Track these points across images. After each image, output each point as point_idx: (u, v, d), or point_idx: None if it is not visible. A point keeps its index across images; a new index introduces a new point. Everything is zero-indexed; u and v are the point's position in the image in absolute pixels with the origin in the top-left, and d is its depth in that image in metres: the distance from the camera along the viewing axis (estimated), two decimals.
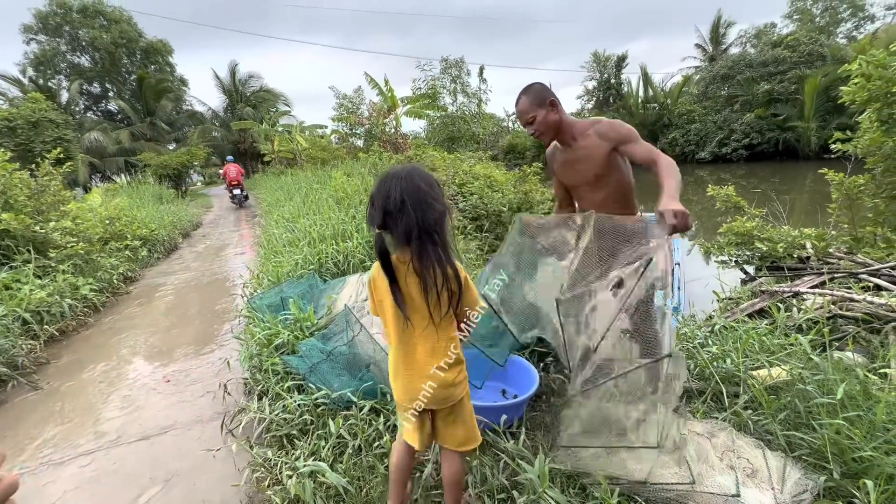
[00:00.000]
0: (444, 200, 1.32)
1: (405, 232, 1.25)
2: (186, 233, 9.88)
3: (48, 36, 27.26)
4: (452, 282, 1.32)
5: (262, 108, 28.27)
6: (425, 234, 1.26)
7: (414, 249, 1.28)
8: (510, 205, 6.65)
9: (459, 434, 1.47)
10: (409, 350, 1.39)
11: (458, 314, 1.41)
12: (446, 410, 1.44)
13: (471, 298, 1.39)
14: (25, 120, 12.40)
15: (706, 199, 6.79)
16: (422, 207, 1.25)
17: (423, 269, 1.28)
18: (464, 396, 1.46)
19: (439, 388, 1.38)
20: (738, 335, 2.73)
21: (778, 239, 4.89)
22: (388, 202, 1.26)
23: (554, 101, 2.00)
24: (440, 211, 1.28)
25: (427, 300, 1.32)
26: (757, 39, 25.89)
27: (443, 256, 1.29)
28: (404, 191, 1.25)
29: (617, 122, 2.03)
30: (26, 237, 5.08)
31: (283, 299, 3.37)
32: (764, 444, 1.88)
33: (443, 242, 1.29)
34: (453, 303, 1.35)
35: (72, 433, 2.69)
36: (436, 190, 1.30)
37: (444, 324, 1.37)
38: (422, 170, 1.34)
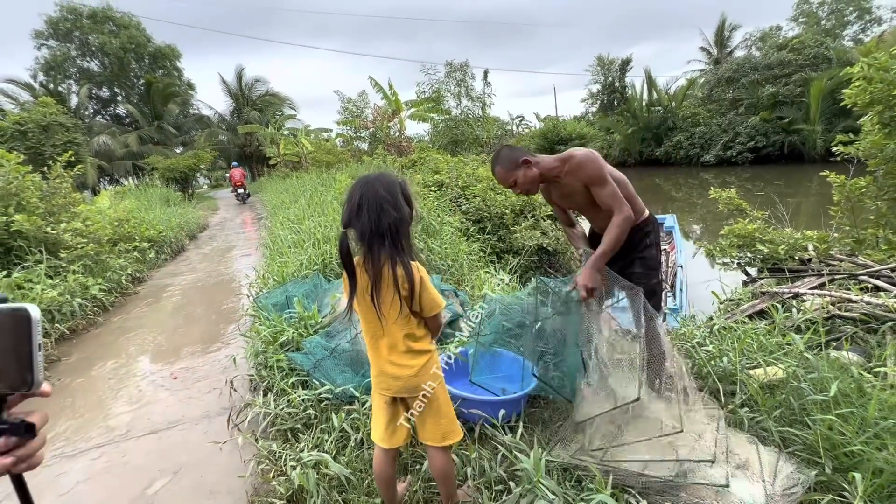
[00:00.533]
0: (404, 206, 1.39)
1: (360, 232, 1.37)
2: (193, 235, 10.00)
3: (59, 41, 27.67)
4: (402, 281, 1.37)
5: (267, 112, 28.54)
6: (377, 236, 1.35)
7: (366, 249, 1.38)
8: (513, 207, 6.69)
9: (436, 426, 1.51)
10: (373, 342, 1.49)
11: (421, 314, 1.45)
12: (420, 402, 1.50)
13: (427, 299, 1.43)
14: (36, 124, 12.60)
15: (710, 201, 6.80)
16: (377, 211, 1.34)
17: (373, 268, 1.37)
18: (436, 389, 1.50)
19: (402, 378, 1.45)
20: (736, 335, 2.76)
21: (780, 241, 4.90)
22: (351, 204, 1.38)
23: (527, 160, 2.01)
24: (395, 216, 1.35)
25: (374, 298, 1.39)
26: (762, 42, 25.84)
27: (395, 258, 1.36)
28: (363, 195, 1.36)
29: (584, 160, 1.98)
30: (38, 238, 5.19)
31: (289, 298, 3.44)
32: (759, 440, 1.92)
33: (397, 245, 1.37)
34: (407, 303, 1.41)
35: (83, 427, 2.77)
36: (395, 196, 1.37)
37: (401, 321, 1.43)
38: (388, 176, 1.42)
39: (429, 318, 1.47)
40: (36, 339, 0.51)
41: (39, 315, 0.52)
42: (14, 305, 0.50)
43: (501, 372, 2.54)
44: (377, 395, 1.54)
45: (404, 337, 1.45)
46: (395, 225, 1.35)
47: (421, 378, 1.46)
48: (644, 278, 2.19)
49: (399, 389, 1.48)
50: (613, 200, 1.97)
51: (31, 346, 0.50)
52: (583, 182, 2.02)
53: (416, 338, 1.47)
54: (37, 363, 0.50)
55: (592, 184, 2.00)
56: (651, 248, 2.20)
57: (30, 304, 0.51)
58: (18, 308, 0.50)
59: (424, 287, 1.41)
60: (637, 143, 24.67)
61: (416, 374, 1.46)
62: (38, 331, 0.51)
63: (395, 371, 1.46)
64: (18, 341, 0.50)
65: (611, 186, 1.98)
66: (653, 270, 2.21)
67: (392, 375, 1.46)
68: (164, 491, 2.14)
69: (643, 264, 2.18)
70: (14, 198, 5.42)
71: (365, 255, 1.38)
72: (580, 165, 1.99)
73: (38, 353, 0.50)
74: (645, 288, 2.22)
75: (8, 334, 0.50)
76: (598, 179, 1.98)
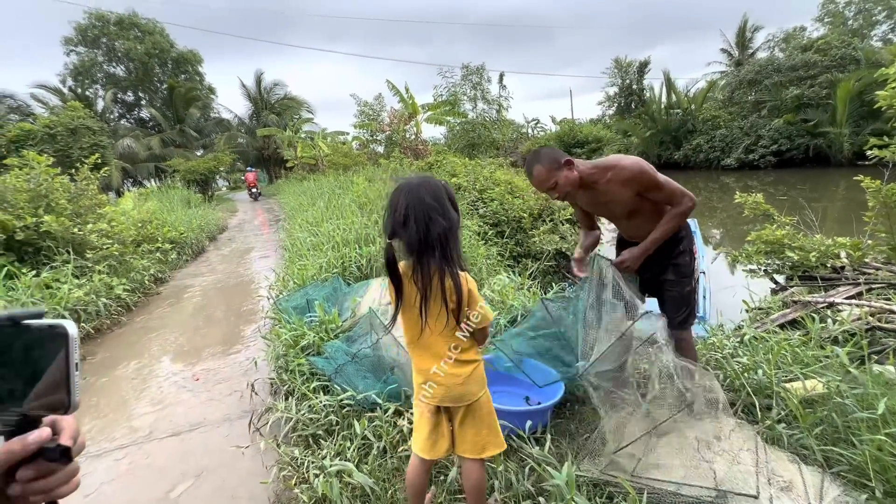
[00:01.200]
0: (452, 213, 1.34)
1: (408, 244, 1.31)
2: (213, 236, 10.16)
3: (87, 47, 28.57)
4: (451, 294, 1.33)
5: (286, 116, 28.94)
6: (428, 247, 1.30)
7: (415, 260, 1.33)
8: (531, 211, 6.62)
9: (476, 437, 1.46)
10: (418, 351, 1.45)
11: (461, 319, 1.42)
12: (462, 410, 1.45)
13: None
14: (65, 127, 13.00)
15: (732, 206, 6.63)
16: (425, 221, 1.29)
17: (422, 281, 1.32)
18: (482, 398, 1.46)
19: (448, 385, 1.41)
20: (769, 346, 2.65)
21: (810, 248, 4.73)
22: (395, 214, 1.32)
23: (570, 161, 1.96)
24: (444, 225, 1.30)
25: (422, 311, 1.35)
26: (785, 43, 25.23)
27: (444, 269, 1.32)
28: (409, 204, 1.30)
29: (638, 171, 1.95)
30: (66, 238, 5.32)
31: (309, 301, 3.44)
32: (799, 458, 1.83)
33: (447, 255, 1.32)
34: (455, 315, 1.37)
35: (107, 427, 2.80)
36: (443, 203, 1.32)
37: (447, 333, 1.39)
38: (432, 182, 1.36)
39: (477, 331, 1.43)
40: (73, 359, 0.47)
41: (77, 332, 0.48)
42: (51, 322, 0.47)
43: (525, 381, 2.49)
44: (419, 404, 1.50)
45: (452, 348, 1.41)
46: (444, 234, 1.30)
47: (467, 387, 1.42)
48: (677, 286, 2.12)
49: (443, 398, 1.43)
50: (674, 195, 1.98)
51: (68, 366, 0.47)
52: (636, 191, 1.98)
53: (464, 349, 1.43)
54: (74, 384, 0.47)
55: (650, 190, 1.97)
56: (685, 255, 2.13)
57: (67, 321, 0.48)
58: (55, 325, 0.47)
59: (473, 299, 1.38)
60: (655, 146, 24.27)
61: (463, 383, 1.41)
62: (76, 349, 0.48)
63: (440, 379, 1.42)
64: (56, 361, 0.47)
65: (670, 184, 1.99)
66: (686, 278, 2.14)
67: (437, 383, 1.42)
68: (187, 495, 2.14)
69: (676, 271, 2.12)
70: (44, 199, 5.57)
71: (414, 267, 1.33)
72: (635, 176, 1.95)
73: (75, 373, 0.47)
74: (678, 295, 2.15)
75: (44, 353, 0.47)
76: (655, 184, 1.97)
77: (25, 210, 5.26)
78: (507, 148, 21.56)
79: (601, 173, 1.99)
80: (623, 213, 2.08)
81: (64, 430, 0.50)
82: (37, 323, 0.47)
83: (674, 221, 1.99)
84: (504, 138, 20.19)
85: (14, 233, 4.97)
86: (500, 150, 19.35)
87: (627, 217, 2.11)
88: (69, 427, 0.51)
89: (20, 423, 0.47)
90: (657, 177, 1.97)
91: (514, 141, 23.63)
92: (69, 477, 0.50)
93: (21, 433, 0.46)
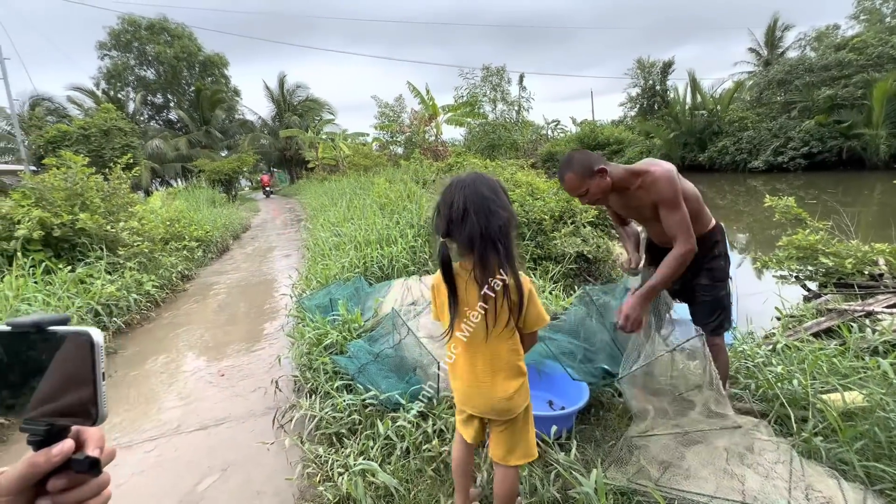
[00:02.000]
0: (510, 206, 1.30)
1: (468, 240, 1.25)
2: (237, 235, 10.38)
3: (119, 51, 29.65)
4: (513, 292, 1.29)
5: (307, 117, 29.44)
6: (489, 241, 1.24)
7: (476, 258, 1.26)
8: (552, 213, 6.55)
9: (510, 446, 1.43)
10: (469, 357, 1.39)
11: (522, 328, 1.37)
12: (501, 422, 1.42)
13: (534, 313, 1.35)
14: (98, 128, 13.50)
15: (759, 210, 6.43)
16: (485, 214, 1.23)
17: (484, 277, 1.26)
18: (523, 411, 1.42)
19: (493, 399, 1.37)
20: (803, 355, 2.56)
21: (846, 254, 4.55)
22: (451, 211, 1.26)
23: (603, 169, 1.88)
24: (505, 218, 1.25)
25: (490, 310, 1.30)
26: (818, 42, 24.38)
27: (506, 265, 1.26)
28: (467, 198, 1.25)
29: (660, 179, 1.86)
30: (99, 236, 5.51)
31: (332, 300, 3.48)
32: (838, 473, 1.75)
33: (507, 251, 1.26)
34: (514, 315, 1.32)
35: (137, 419, 2.88)
36: (500, 196, 1.28)
37: (505, 335, 1.34)
38: (486, 176, 1.32)
39: (529, 334, 1.39)
40: (100, 367, 0.45)
41: (102, 339, 0.46)
42: (75, 329, 0.45)
43: (550, 386, 2.46)
44: (459, 409, 1.49)
45: (508, 351, 1.36)
46: (505, 227, 1.25)
47: (513, 402, 1.37)
48: (711, 290, 2.07)
49: (484, 410, 1.40)
50: (679, 229, 1.85)
51: (94, 375, 0.44)
52: (655, 200, 1.91)
53: (520, 354, 1.39)
54: (101, 394, 0.45)
55: (663, 205, 1.88)
56: (719, 259, 2.07)
57: (92, 328, 0.45)
58: (80, 332, 0.44)
59: (532, 300, 1.33)
60: (678, 148, 23.75)
61: (510, 398, 1.36)
62: (102, 357, 0.45)
63: (487, 391, 1.37)
64: (81, 370, 0.44)
65: (680, 213, 1.85)
66: (720, 282, 2.08)
67: (481, 394, 1.38)
68: (213, 488, 2.18)
69: (710, 276, 2.06)
70: (79, 197, 5.79)
71: (475, 263, 1.27)
72: (654, 183, 1.87)
73: (102, 382, 0.45)
74: (712, 300, 2.10)
75: (69, 361, 0.45)
76: (670, 203, 1.85)
77: (62, 208, 5.47)
78: (526, 149, 21.43)
79: (632, 178, 1.94)
80: (652, 216, 2.04)
81: (89, 440, 0.49)
82: (62, 329, 0.45)
83: (674, 264, 1.85)
84: (524, 140, 20.06)
85: (52, 230, 5.18)
86: (520, 151, 19.24)
87: (655, 223, 2.06)
88: (95, 438, 0.49)
89: (48, 433, 0.45)
90: (677, 197, 1.85)
91: (534, 142, 23.48)
92: (99, 489, 0.48)
93: (49, 443, 0.45)
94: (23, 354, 0.45)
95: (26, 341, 0.45)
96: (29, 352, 0.45)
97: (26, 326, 0.45)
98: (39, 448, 0.44)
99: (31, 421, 0.45)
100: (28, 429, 0.45)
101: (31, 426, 0.45)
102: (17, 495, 0.43)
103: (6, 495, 0.42)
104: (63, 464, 0.44)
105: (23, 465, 0.43)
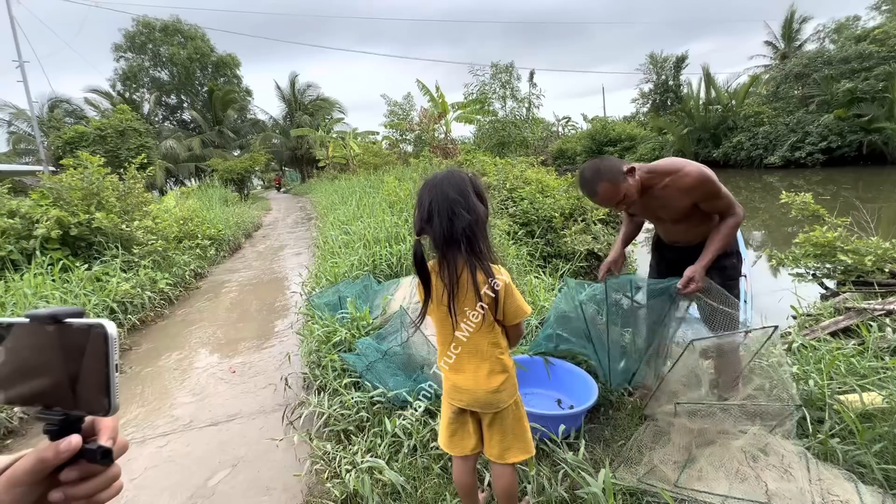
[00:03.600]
0: (478, 206, 1.31)
1: (434, 239, 1.31)
2: (249, 233, 10.50)
3: (134, 53, 30.17)
4: (482, 288, 1.30)
5: (318, 116, 29.64)
6: (453, 241, 1.28)
7: (440, 256, 1.32)
8: (562, 210, 6.50)
9: (502, 442, 1.43)
10: (455, 351, 1.42)
11: (503, 321, 1.38)
12: (490, 416, 1.42)
13: (513, 306, 1.35)
14: (114, 129, 13.76)
15: (775, 206, 6.30)
16: (448, 216, 1.27)
17: (448, 276, 1.31)
18: (511, 405, 1.42)
19: (476, 392, 1.38)
20: (820, 355, 2.51)
21: (865, 251, 4.43)
22: (421, 210, 1.32)
23: (631, 168, 1.87)
24: (469, 219, 1.27)
25: (451, 308, 1.33)
26: (837, 34, 23.72)
27: (474, 264, 1.29)
28: (433, 199, 1.30)
29: (703, 179, 1.86)
30: (115, 234, 5.62)
31: (341, 298, 3.49)
32: (856, 476, 1.71)
33: (474, 249, 1.29)
34: (491, 310, 1.33)
35: (150, 415, 2.93)
36: (467, 196, 1.29)
37: (485, 328, 1.36)
38: (456, 175, 1.33)
39: (511, 327, 1.40)
40: (113, 359, 0.46)
41: (116, 332, 0.47)
42: (90, 321, 0.46)
43: (557, 383, 2.44)
44: (446, 403, 1.49)
45: (489, 345, 1.38)
46: (470, 228, 1.28)
47: (497, 395, 1.38)
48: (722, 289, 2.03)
49: (470, 402, 1.41)
50: (728, 207, 1.93)
51: (108, 367, 0.45)
52: (696, 199, 1.90)
53: (500, 349, 1.39)
54: (114, 386, 0.46)
55: (710, 199, 1.91)
56: (731, 258, 2.04)
57: (106, 321, 0.46)
58: (94, 324, 0.46)
59: (509, 294, 1.34)
60: (692, 144, 23.38)
61: (494, 391, 1.37)
62: (116, 350, 0.47)
63: (468, 384, 1.39)
64: (94, 361, 0.46)
65: (725, 195, 1.92)
66: (732, 280, 2.05)
67: (464, 388, 1.40)
68: (224, 483, 2.21)
69: (723, 275, 2.02)
70: (95, 197, 5.90)
71: (440, 262, 1.33)
72: (699, 184, 1.87)
73: (115, 374, 0.46)
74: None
75: (83, 353, 0.46)
76: (716, 193, 1.90)
77: (79, 207, 5.59)
78: (537, 147, 21.29)
79: (658, 178, 1.91)
80: (671, 217, 2.01)
81: (103, 431, 0.50)
82: (77, 322, 0.46)
83: (732, 232, 1.94)
84: (534, 137, 19.93)
85: (69, 229, 5.29)
86: (530, 148, 19.12)
87: (674, 222, 2.04)
88: (109, 428, 0.50)
89: (63, 423, 0.46)
90: (719, 187, 1.90)
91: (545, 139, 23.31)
92: (110, 481, 0.49)
93: (64, 433, 0.46)
94: (40, 346, 0.46)
95: (43, 333, 0.46)
96: (45, 343, 0.46)
97: (44, 318, 0.46)
98: (55, 438, 0.46)
99: (47, 411, 0.46)
100: (44, 418, 0.46)
101: (47, 416, 0.46)
102: (30, 486, 0.44)
103: (19, 486, 0.44)
104: (76, 453, 0.45)
105: (33, 459, 0.44)
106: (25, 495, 0.44)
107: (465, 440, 1.47)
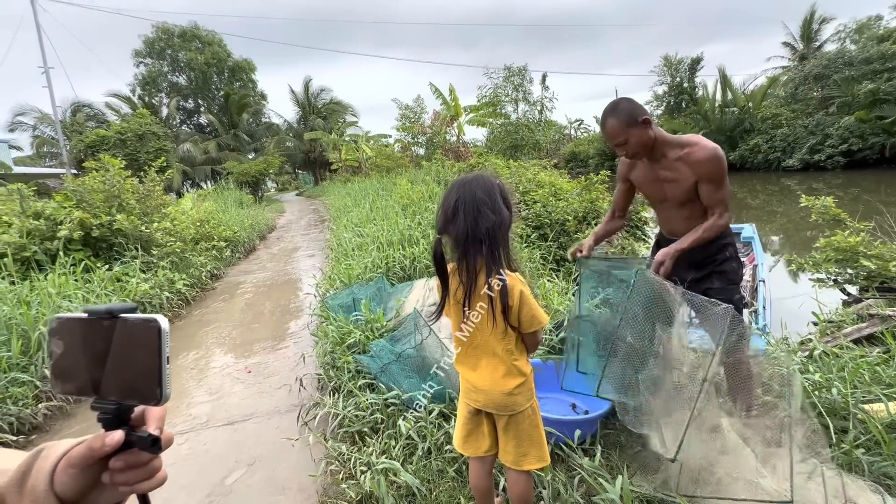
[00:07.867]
0: (503, 210, 1.31)
1: (455, 238, 1.31)
2: (263, 235, 10.64)
3: (154, 59, 30.87)
4: (497, 292, 1.29)
5: (331, 119, 29.94)
6: (475, 241, 1.28)
7: (460, 256, 1.31)
8: (575, 213, 6.46)
9: (518, 448, 1.42)
10: (468, 350, 1.41)
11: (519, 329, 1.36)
12: (505, 419, 1.41)
13: (528, 314, 1.33)
14: (134, 133, 14.08)
15: (794, 210, 6.17)
16: (473, 215, 1.27)
17: (467, 276, 1.30)
18: (526, 409, 1.41)
19: (492, 393, 1.38)
20: (842, 363, 2.44)
21: (889, 256, 4.31)
22: (447, 209, 1.32)
23: (648, 119, 1.85)
24: (494, 220, 1.27)
25: (466, 308, 1.33)
26: (858, 34, 23.21)
27: (491, 268, 1.28)
28: (460, 198, 1.30)
29: (714, 156, 1.84)
30: (135, 236, 5.75)
31: (355, 300, 3.52)
32: (882, 488, 1.66)
33: (495, 252, 1.29)
34: (503, 316, 1.32)
35: (169, 413, 2.97)
36: (494, 199, 1.30)
37: (498, 334, 1.35)
38: (486, 178, 1.34)
39: (528, 335, 1.39)
40: (165, 352, 0.49)
41: (168, 327, 0.50)
42: (145, 316, 0.49)
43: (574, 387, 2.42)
44: (462, 404, 1.49)
45: (503, 351, 1.37)
46: (492, 229, 1.27)
47: (512, 398, 1.38)
48: (724, 293, 1.97)
49: (486, 403, 1.41)
50: (721, 203, 1.88)
51: (160, 359, 0.49)
52: (699, 175, 1.87)
53: (515, 355, 1.38)
54: (165, 376, 0.49)
55: (711, 181, 1.87)
56: (731, 262, 1.99)
57: (159, 316, 0.50)
58: (149, 319, 0.49)
59: (524, 302, 1.32)
60: None
61: (509, 393, 1.37)
62: (167, 343, 0.50)
63: (484, 385, 1.39)
64: (149, 353, 0.48)
65: (725, 190, 1.88)
66: (733, 285, 2.00)
67: (479, 388, 1.40)
68: (240, 482, 2.24)
69: (722, 278, 1.98)
70: (116, 199, 6.05)
71: (459, 261, 1.32)
72: (709, 160, 1.84)
73: (166, 365, 0.49)
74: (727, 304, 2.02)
75: (138, 346, 0.49)
76: (719, 179, 1.86)
77: (101, 209, 5.73)
78: (549, 149, 21.21)
79: (674, 148, 1.91)
80: (675, 197, 1.97)
81: (150, 420, 0.53)
82: (132, 317, 0.49)
83: (708, 231, 1.88)
84: (546, 140, 19.87)
85: (91, 230, 5.42)
86: (543, 151, 19.06)
87: (676, 205, 2.00)
88: (156, 418, 0.53)
89: (116, 412, 0.49)
90: (725, 175, 1.87)
91: (557, 142, 23.20)
92: (153, 472, 0.52)
93: (117, 421, 0.49)
94: (97, 339, 0.50)
95: (100, 327, 0.49)
96: (102, 336, 0.49)
97: (101, 313, 0.50)
98: (108, 426, 0.49)
99: (101, 400, 0.50)
100: (98, 407, 0.50)
101: (101, 405, 0.50)
102: (82, 469, 0.49)
103: (74, 468, 0.48)
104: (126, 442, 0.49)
105: (85, 447, 0.49)
106: (79, 476, 0.49)
107: (479, 441, 1.47)
